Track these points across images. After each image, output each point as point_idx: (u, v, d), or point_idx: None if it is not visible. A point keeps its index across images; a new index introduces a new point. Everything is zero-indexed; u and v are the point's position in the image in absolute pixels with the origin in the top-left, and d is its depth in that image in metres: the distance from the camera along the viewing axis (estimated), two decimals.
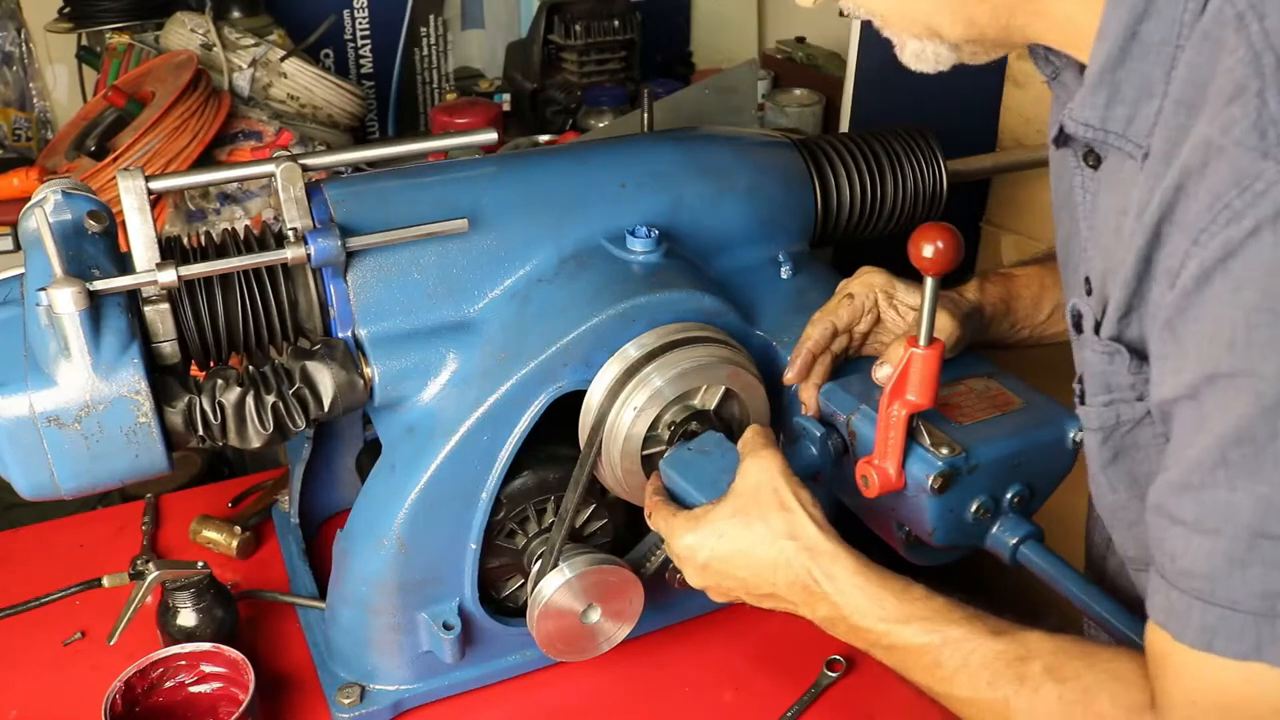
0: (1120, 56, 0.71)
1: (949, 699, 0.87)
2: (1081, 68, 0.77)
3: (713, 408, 1.09)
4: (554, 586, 1.09)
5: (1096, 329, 0.81)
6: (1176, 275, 0.66)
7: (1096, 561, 1.07)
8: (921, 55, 0.81)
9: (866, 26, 0.83)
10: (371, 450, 1.29)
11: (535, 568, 1.12)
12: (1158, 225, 0.68)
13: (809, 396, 1.08)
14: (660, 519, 1.00)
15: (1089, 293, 0.84)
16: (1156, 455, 0.78)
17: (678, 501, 1.02)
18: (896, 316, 1.10)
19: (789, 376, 1.09)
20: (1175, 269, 0.67)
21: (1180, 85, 0.68)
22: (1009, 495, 1.00)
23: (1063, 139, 0.81)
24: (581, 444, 1.09)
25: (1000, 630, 0.85)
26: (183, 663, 1.11)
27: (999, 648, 0.84)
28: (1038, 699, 0.81)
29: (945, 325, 1.04)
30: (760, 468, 0.96)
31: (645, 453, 1.08)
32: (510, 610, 1.20)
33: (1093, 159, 0.81)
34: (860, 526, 1.11)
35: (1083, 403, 0.86)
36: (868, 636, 0.91)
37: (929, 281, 0.89)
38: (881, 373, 1.04)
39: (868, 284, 1.10)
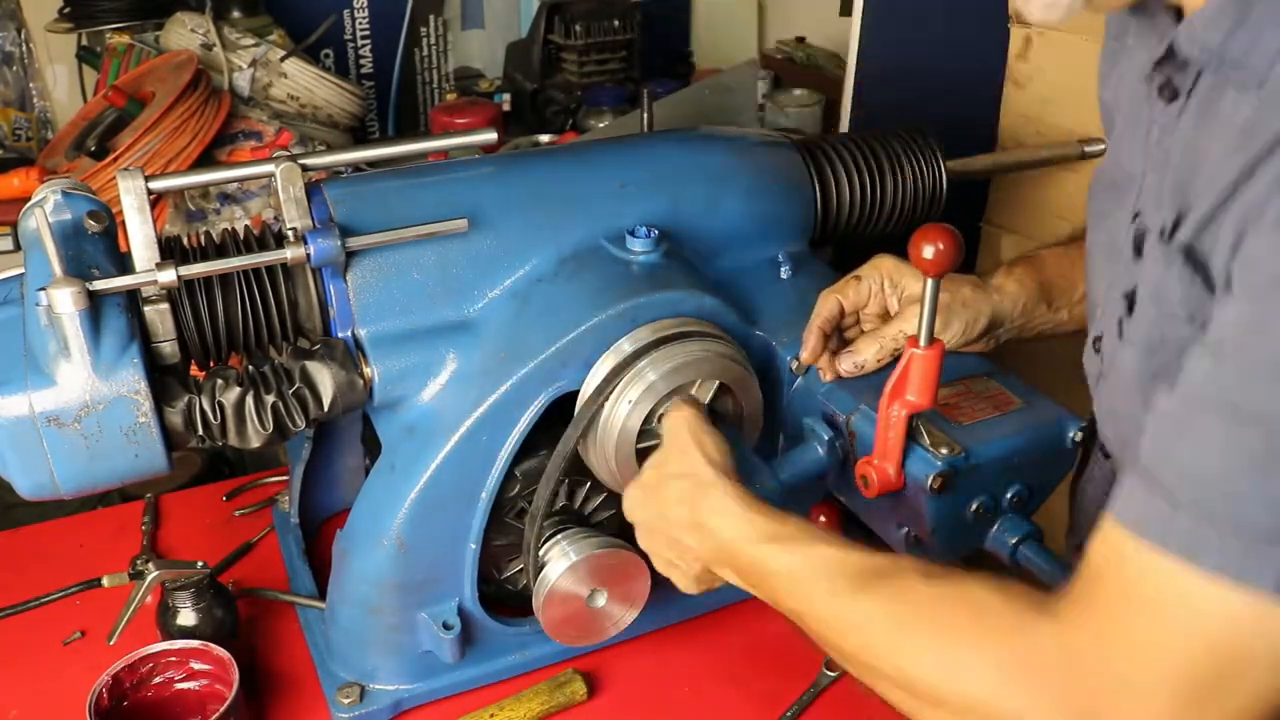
0: None
1: (809, 619, 0.85)
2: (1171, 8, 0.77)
3: (706, 402, 1.09)
4: (559, 570, 1.08)
5: (1168, 236, 0.77)
6: (1261, 210, 0.64)
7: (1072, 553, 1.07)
8: (1053, 5, 0.77)
9: (866, 26, 0.83)
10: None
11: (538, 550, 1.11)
12: (1259, 158, 0.66)
13: (828, 366, 1.10)
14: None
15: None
16: None
17: None
18: (896, 303, 1.11)
19: (804, 357, 1.10)
20: (1261, 204, 0.64)
21: None
22: (1008, 495, 1.00)
23: (1167, 59, 0.78)
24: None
25: (875, 553, 0.83)
26: (173, 659, 1.11)
27: (868, 562, 0.82)
28: (904, 597, 0.78)
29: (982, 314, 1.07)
30: (674, 419, 1.02)
31: (640, 446, 1.08)
32: (510, 593, 1.20)
33: (1168, 93, 0.79)
34: (861, 527, 1.11)
35: (1130, 313, 0.83)
36: (744, 564, 0.90)
37: (929, 282, 0.89)
38: (846, 362, 1.07)
39: (876, 267, 1.11)
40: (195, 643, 1.11)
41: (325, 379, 1.05)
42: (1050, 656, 0.69)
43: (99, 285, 0.94)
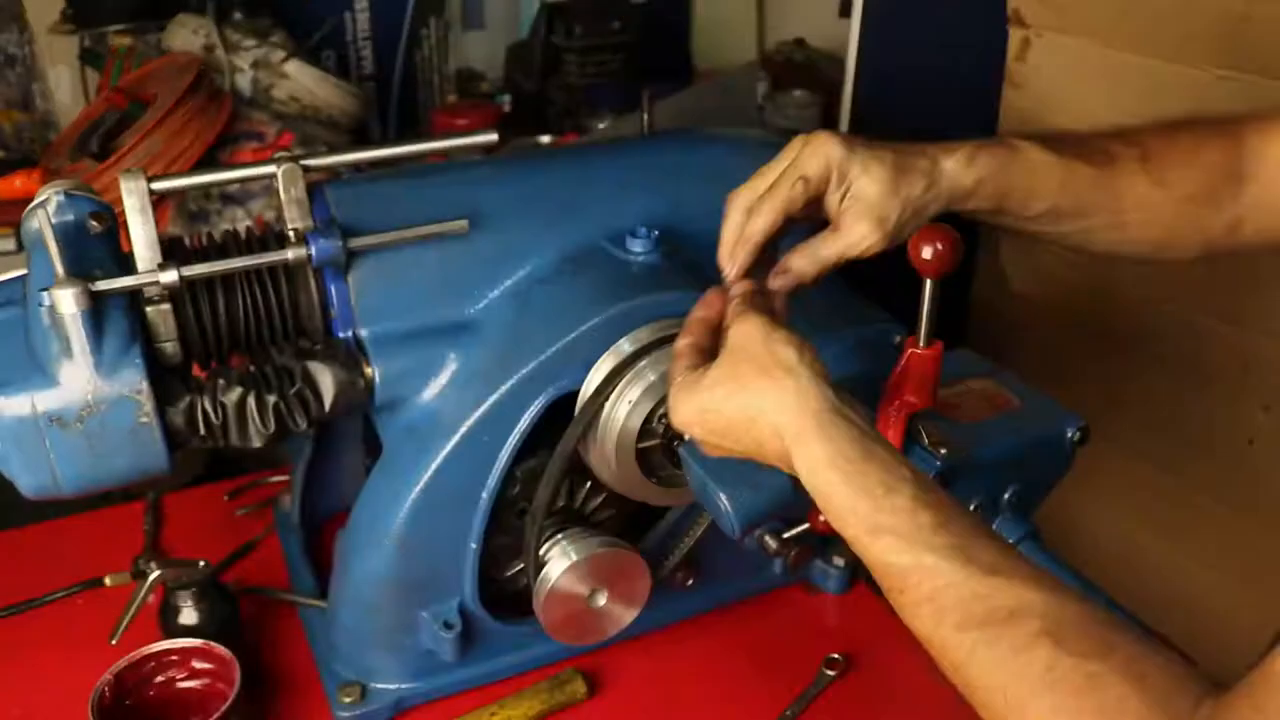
0: None
1: (910, 626, 0.73)
2: None
3: None
4: (560, 570, 1.09)
5: None
6: None
7: None
8: None
9: (866, 28, 0.83)
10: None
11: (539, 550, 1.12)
12: None
13: (743, 288, 0.95)
14: (674, 376, 0.90)
15: None
16: None
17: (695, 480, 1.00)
18: (837, 202, 0.95)
19: (731, 275, 0.97)
20: None
21: None
22: (1007, 495, 1.00)
23: None
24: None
25: (995, 569, 0.69)
26: (175, 658, 1.12)
27: (983, 591, 0.68)
28: (1019, 657, 0.65)
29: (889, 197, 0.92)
30: (743, 334, 0.86)
31: (640, 446, 1.08)
32: (509, 592, 1.20)
33: None
34: None
35: None
36: (845, 534, 0.77)
37: (929, 283, 0.89)
38: (778, 280, 0.96)
39: (825, 162, 0.93)
40: (197, 641, 1.12)
41: (327, 379, 1.05)
42: None
43: (101, 286, 0.94)
